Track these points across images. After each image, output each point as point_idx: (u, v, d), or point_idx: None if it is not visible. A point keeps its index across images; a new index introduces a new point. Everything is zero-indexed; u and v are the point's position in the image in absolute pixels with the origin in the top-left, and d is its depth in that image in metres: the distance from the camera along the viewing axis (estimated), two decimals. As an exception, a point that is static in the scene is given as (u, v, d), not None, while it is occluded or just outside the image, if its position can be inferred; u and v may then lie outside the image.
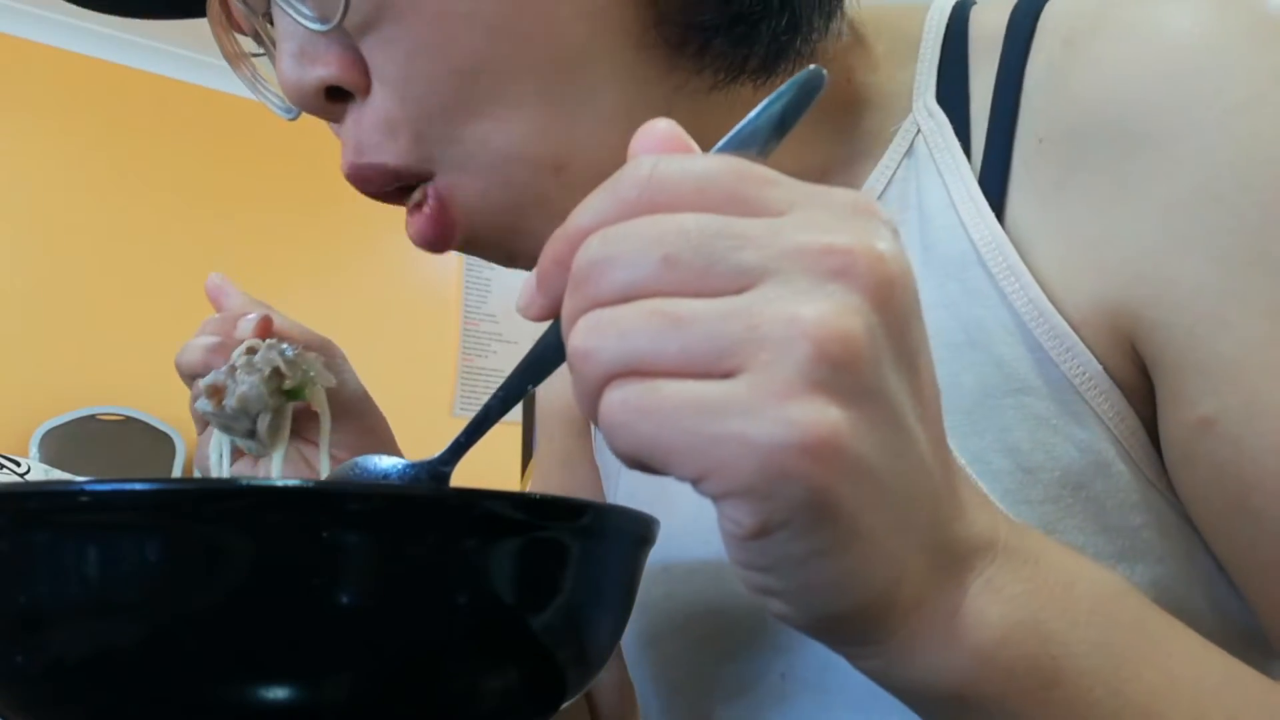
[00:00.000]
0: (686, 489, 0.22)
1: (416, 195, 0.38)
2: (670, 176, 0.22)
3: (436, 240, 0.39)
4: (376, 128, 0.37)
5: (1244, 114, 0.32)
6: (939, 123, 0.38)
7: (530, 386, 0.30)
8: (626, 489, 0.50)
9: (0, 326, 3.04)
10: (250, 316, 0.44)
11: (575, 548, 0.29)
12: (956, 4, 0.41)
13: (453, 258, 3.98)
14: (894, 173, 0.39)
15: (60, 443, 3.00)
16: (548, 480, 0.61)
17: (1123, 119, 0.33)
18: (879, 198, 0.39)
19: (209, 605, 0.24)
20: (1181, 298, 0.32)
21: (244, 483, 0.24)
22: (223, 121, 3.53)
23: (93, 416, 3.10)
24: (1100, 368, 0.34)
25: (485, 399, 0.31)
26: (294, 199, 3.60)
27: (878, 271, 0.21)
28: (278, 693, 0.24)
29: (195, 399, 0.40)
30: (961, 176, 0.37)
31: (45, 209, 3.17)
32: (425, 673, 0.26)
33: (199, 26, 0.43)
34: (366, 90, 0.37)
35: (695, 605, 0.44)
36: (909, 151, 0.39)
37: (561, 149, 0.36)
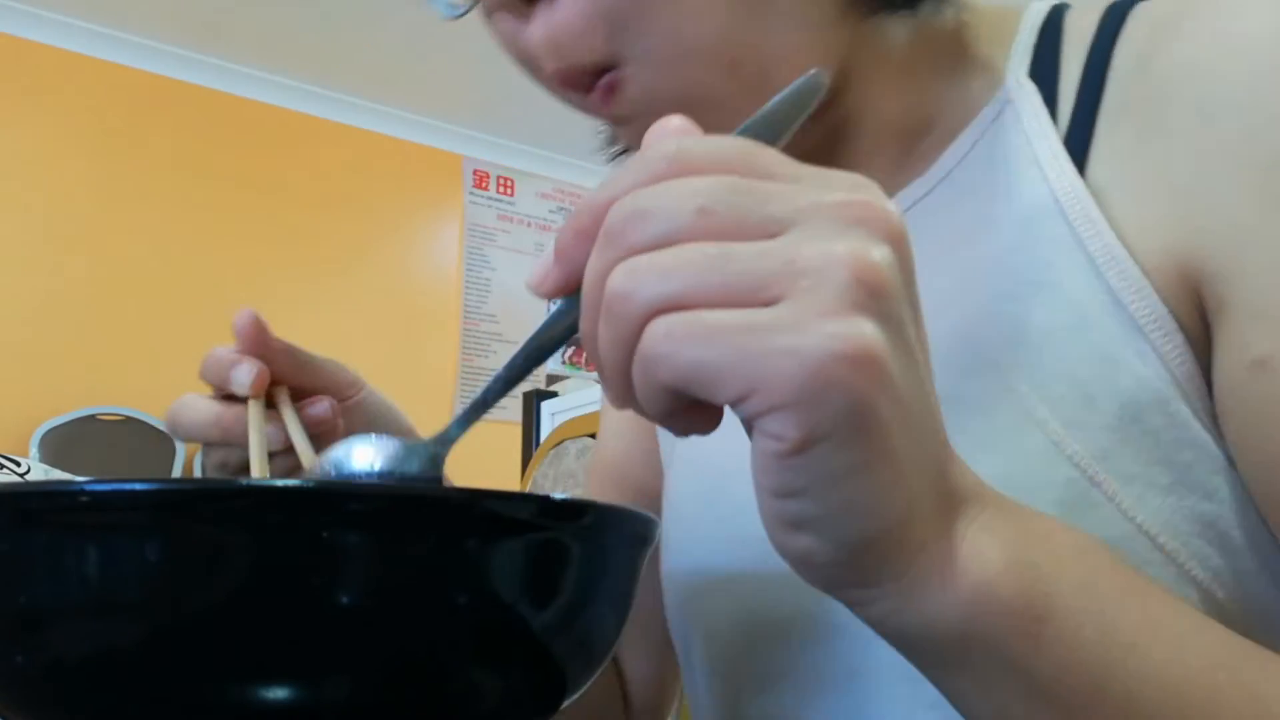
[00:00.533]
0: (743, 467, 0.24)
1: (599, 87, 0.40)
2: (694, 150, 0.24)
3: (610, 119, 0.41)
4: (572, 26, 0.38)
5: None
6: (1029, 92, 0.42)
7: (534, 366, 0.30)
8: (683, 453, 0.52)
9: (1, 326, 3.04)
10: (244, 369, 0.43)
11: (576, 547, 0.29)
12: (1053, 6, 0.45)
13: (453, 258, 3.99)
14: (983, 133, 0.43)
15: (60, 443, 3.00)
16: (618, 424, 0.62)
17: (1202, 88, 0.36)
18: (967, 154, 0.43)
19: (209, 605, 0.24)
20: (1244, 246, 0.35)
21: (244, 483, 0.24)
22: (223, 121, 3.53)
23: (93, 416, 3.10)
24: (1166, 310, 0.36)
25: None
26: (294, 200, 3.60)
27: (891, 221, 0.24)
28: (278, 693, 0.24)
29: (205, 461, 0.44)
30: (1047, 138, 0.40)
31: (45, 209, 3.17)
32: (425, 673, 0.26)
33: (199, 26, 0.43)
34: None
35: (745, 587, 0.45)
36: (998, 117, 0.42)
37: (740, 49, 0.38)
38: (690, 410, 0.25)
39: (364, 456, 0.34)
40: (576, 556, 0.29)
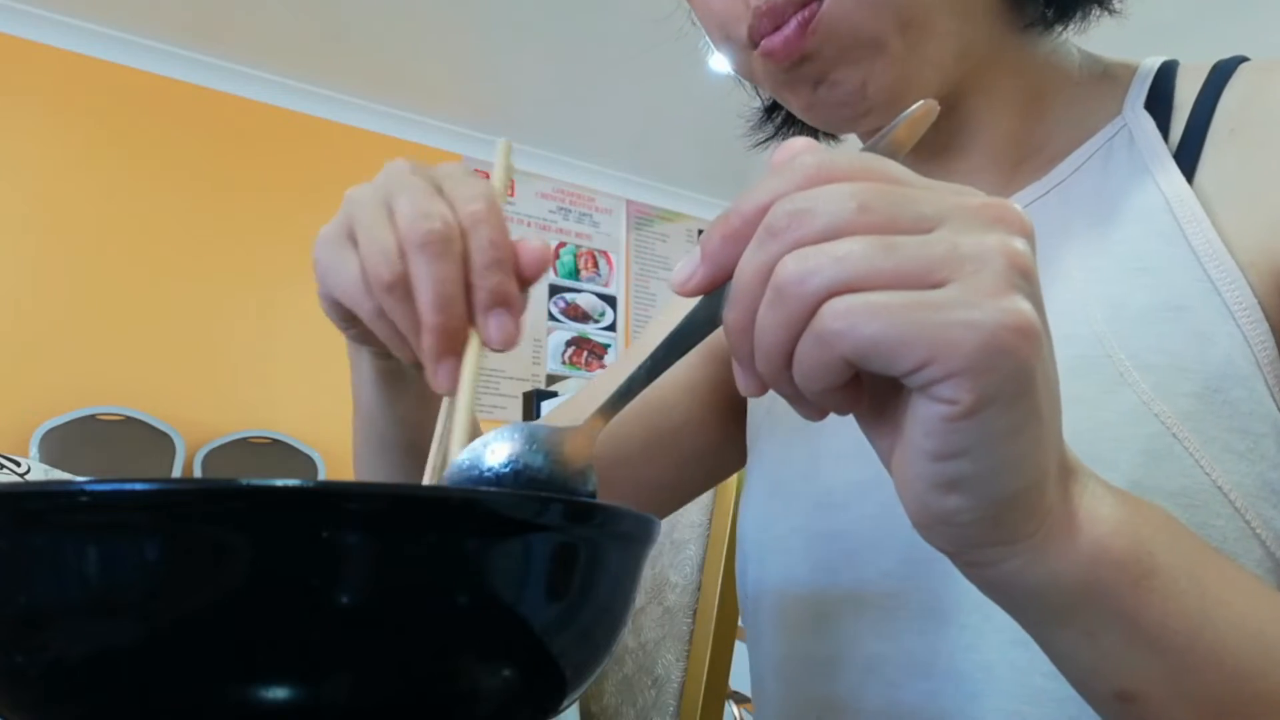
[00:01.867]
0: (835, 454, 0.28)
1: (794, 19, 0.44)
2: (838, 161, 0.27)
3: (789, 49, 0.45)
4: None
5: None
6: (1143, 118, 0.48)
7: (676, 358, 0.32)
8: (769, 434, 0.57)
9: (0, 327, 3.04)
10: (447, 371, 0.35)
11: (576, 547, 0.29)
12: (1166, 60, 0.51)
13: (453, 258, 3.98)
14: (1097, 150, 0.48)
15: (60, 443, 3.00)
16: (689, 383, 0.64)
17: None
18: (1081, 166, 0.49)
19: (209, 605, 0.24)
20: None
21: (244, 483, 0.24)
22: (223, 121, 3.53)
23: (93, 416, 3.10)
24: (1255, 301, 0.41)
25: (485, 399, 0.32)
26: (294, 199, 3.60)
27: (1024, 220, 0.27)
28: (278, 693, 0.24)
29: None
30: (1158, 153, 0.46)
31: (45, 209, 3.17)
32: (425, 673, 0.26)
33: (199, 26, 0.44)
34: None
35: (823, 552, 0.49)
36: (1112, 138, 0.48)
37: (917, 11, 0.44)
38: (842, 389, 0.27)
39: (497, 450, 0.33)
40: (577, 556, 0.29)
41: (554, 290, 4.25)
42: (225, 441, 3.29)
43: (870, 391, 0.28)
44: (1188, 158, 0.45)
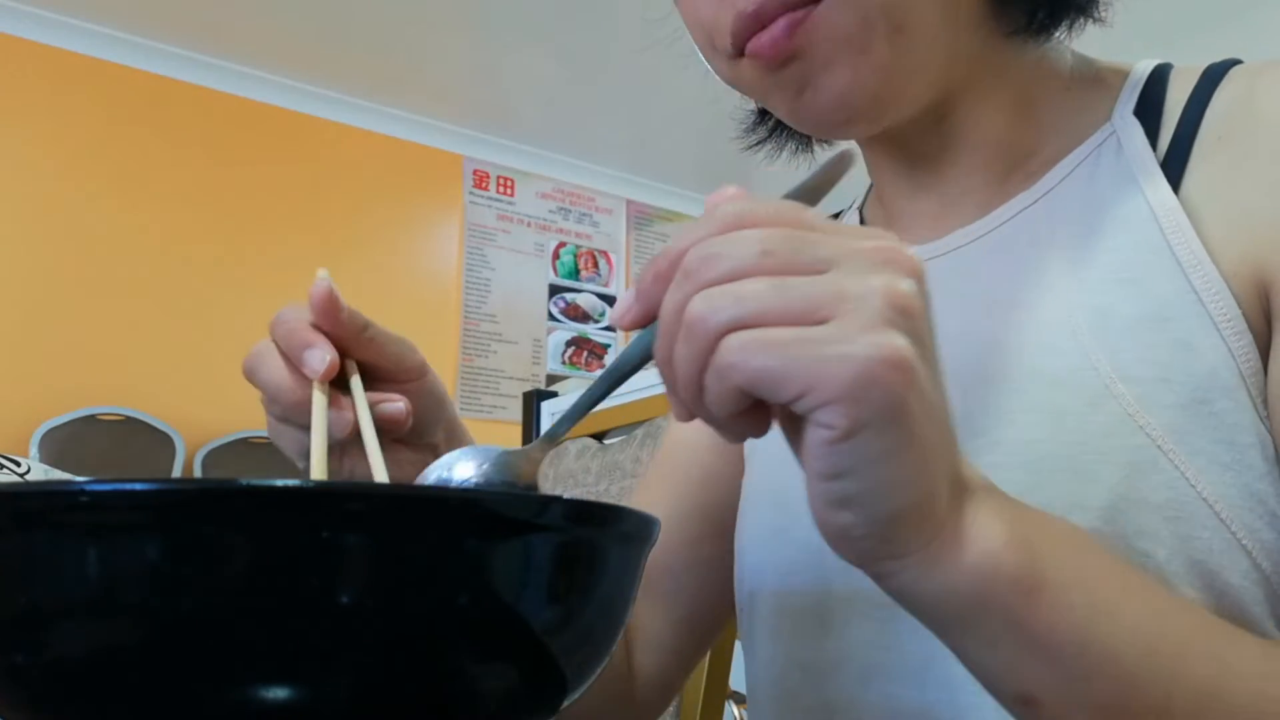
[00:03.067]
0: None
1: (782, 20, 0.44)
2: (754, 208, 0.30)
3: (777, 49, 0.45)
4: None
5: None
6: (1132, 124, 0.47)
7: (614, 387, 0.35)
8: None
9: (0, 326, 3.04)
10: (317, 354, 0.44)
11: (576, 547, 0.29)
12: (1159, 63, 0.50)
13: (453, 258, 3.99)
14: (1086, 156, 0.48)
15: (60, 443, 3.00)
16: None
17: None
18: (1070, 173, 0.48)
19: (209, 605, 0.24)
20: None
21: (244, 483, 0.24)
22: (223, 121, 3.53)
23: (93, 416, 3.10)
24: (1239, 312, 0.41)
25: (485, 399, 0.33)
26: (293, 199, 3.60)
27: (913, 262, 0.29)
28: (278, 693, 0.24)
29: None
30: (1146, 162, 0.46)
31: (45, 209, 3.17)
32: (425, 673, 0.26)
33: (199, 26, 0.44)
34: None
35: (808, 583, 0.50)
36: (1101, 145, 0.48)
37: (908, 17, 0.44)
38: (747, 415, 0.30)
39: (461, 470, 0.38)
40: (577, 556, 0.29)
41: (554, 290, 4.25)
42: (225, 441, 3.29)
43: (782, 419, 0.31)
44: (1175, 165, 0.45)
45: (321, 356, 0.44)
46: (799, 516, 0.51)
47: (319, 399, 0.43)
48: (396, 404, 0.46)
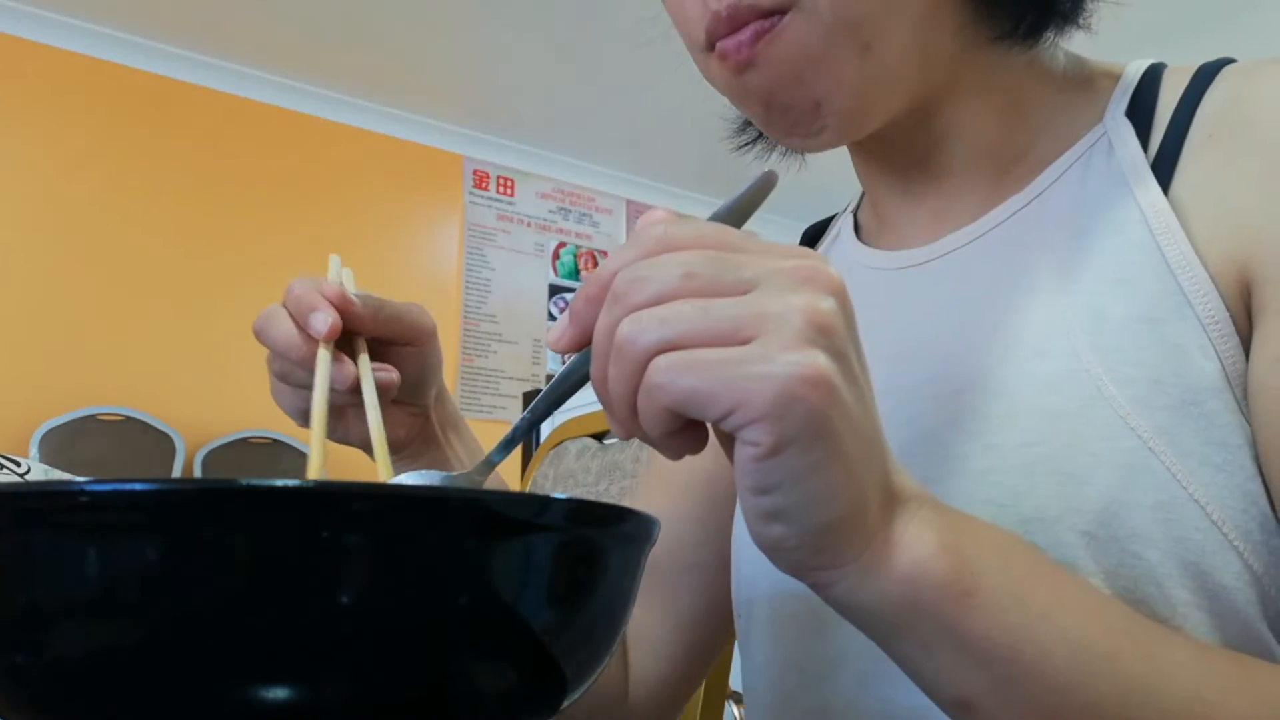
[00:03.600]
0: None
1: (751, 26, 0.44)
2: (678, 231, 0.31)
3: (738, 57, 0.45)
4: None
5: None
6: (1123, 126, 0.47)
7: (555, 408, 0.36)
8: None
9: (0, 326, 3.04)
10: (321, 316, 0.48)
11: (577, 547, 0.29)
12: (1153, 63, 0.50)
13: (453, 258, 3.99)
14: (1078, 158, 0.48)
15: (60, 443, 3.00)
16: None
17: (1277, 122, 0.43)
18: (1062, 175, 0.48)
19: (209, 605, 0.24)
20: None
21: (244, 483, 0.24)
22: (223, 121, 3.53)
23: (93, 416, 3.10)
24: (1227, 313, 0.41)
25: (484, 399, 0.34)
26: (293, 199, 3.60)
27: (833, 280, 0.30)
28: (278, 693, 0.24)
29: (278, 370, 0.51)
30: (1136, 164, 0.46)
31: (45, 209, 3.17)
32: (425, 673, 0.26)
33: (199, 26, 0.45)
34: None
35: (803, 587, 0.48)
36: (1093, 146, 0.48)
37: (878, 33, 0.44)
38: (682, 433, 0.31)
39: None
40: (577, 556, 0.29)
41: (554, 290, 4.25)
42: (225, 441, 3.29)
43: (718, 435, 0.31)
44: (1165, 166, 0.45)
45: (324, 319, 0.48)
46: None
47: (323, 355, 0.48)
48: (390, 374, 0.50)
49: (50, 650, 0.25)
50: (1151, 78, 0.49)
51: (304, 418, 0.52)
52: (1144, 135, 0.47)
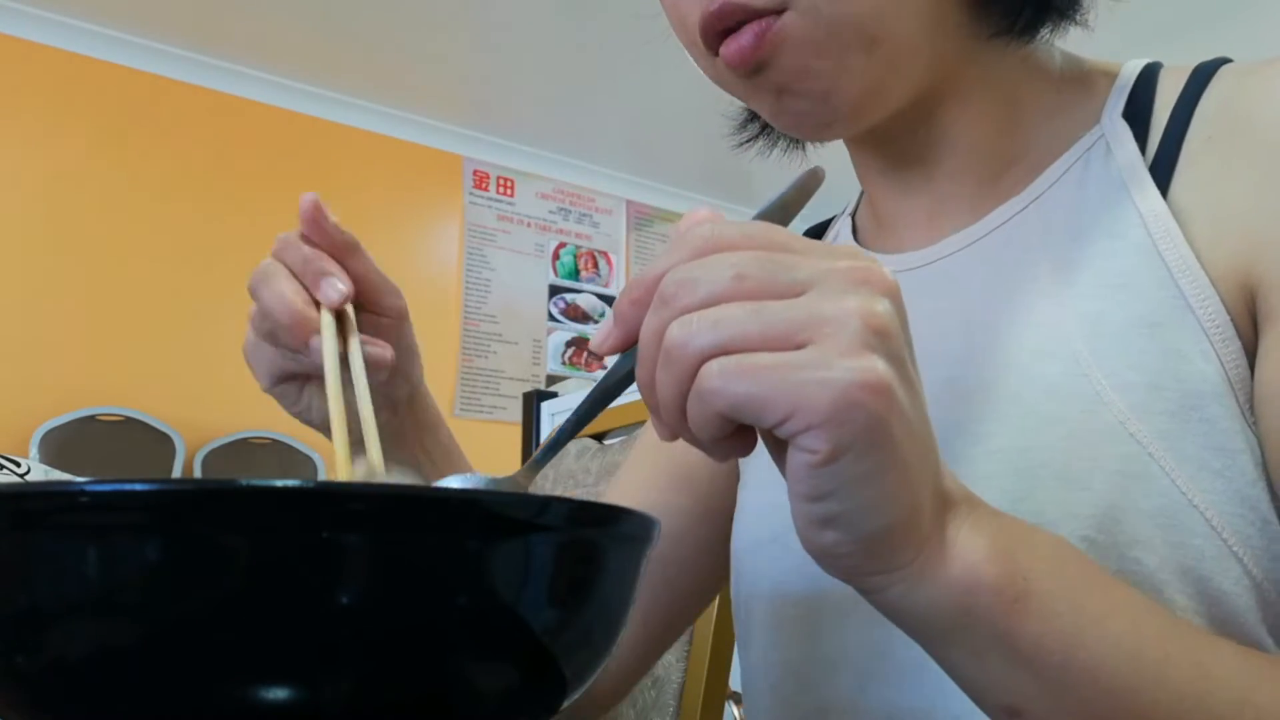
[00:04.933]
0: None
1: (750, 28, 0.43)
2: (727, 231, 0.30)
3: (744, 56, 0.44)
4: None
5: None
6: (1121, 129, 0.47)
7: (599, 410, 0.36)
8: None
9: (1, 326, 3.04)
10: (338, 285, 0.47)
11: (577, 548, 0.29)
12: (1149, 63, 0.50)
13: (453, 258, 3.99)
14: (1075, 161, 0.48)
15: (60, 443, 3.00)
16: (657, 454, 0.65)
17: (1276, 122, 0.42)
18: (1060, 178, 0.48)
19: (209, 605, 0.24)
20: None
21: (244, 483, 0.24)
22: (223, 121, 3.53)
23: (93, 416, 3.10)
24: (1228, 318, 0.41)
25: (484, 400, 0.34)
26: (293, 199, 3.59)
27: (887, 281, 0.30)
28: (278, 693, 0.24)
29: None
30: (1135, 166, 0.45)
31: (45, 209, 3.17)
32: (425, 673, 0.26)
33: (199, 26, 0.45)
34: None
35: (803, 589, 0.49)
36: (1090, 149, 0.47)
37: (883, 30, 0.43)
38: (731, 437, 0.30)
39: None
40: (577, 557, 0.29)
41: (554, 291, 4.25)
42: (225, 441, 3.29)
43: (766, 439, 0.31)
44: (1164, 169, 0.44)
45: (338, 286, 0.46)
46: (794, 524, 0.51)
47: (328, 320, 0.45)
48: (383, 350, 0.48)
49: (50, 650, 0.25)
50: (1148, 78, 0.48)
51: (274, 380, 0.50)
52: (1141, 138, 0.46)
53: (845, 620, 0.48)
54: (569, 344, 4.23)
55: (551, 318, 4.22)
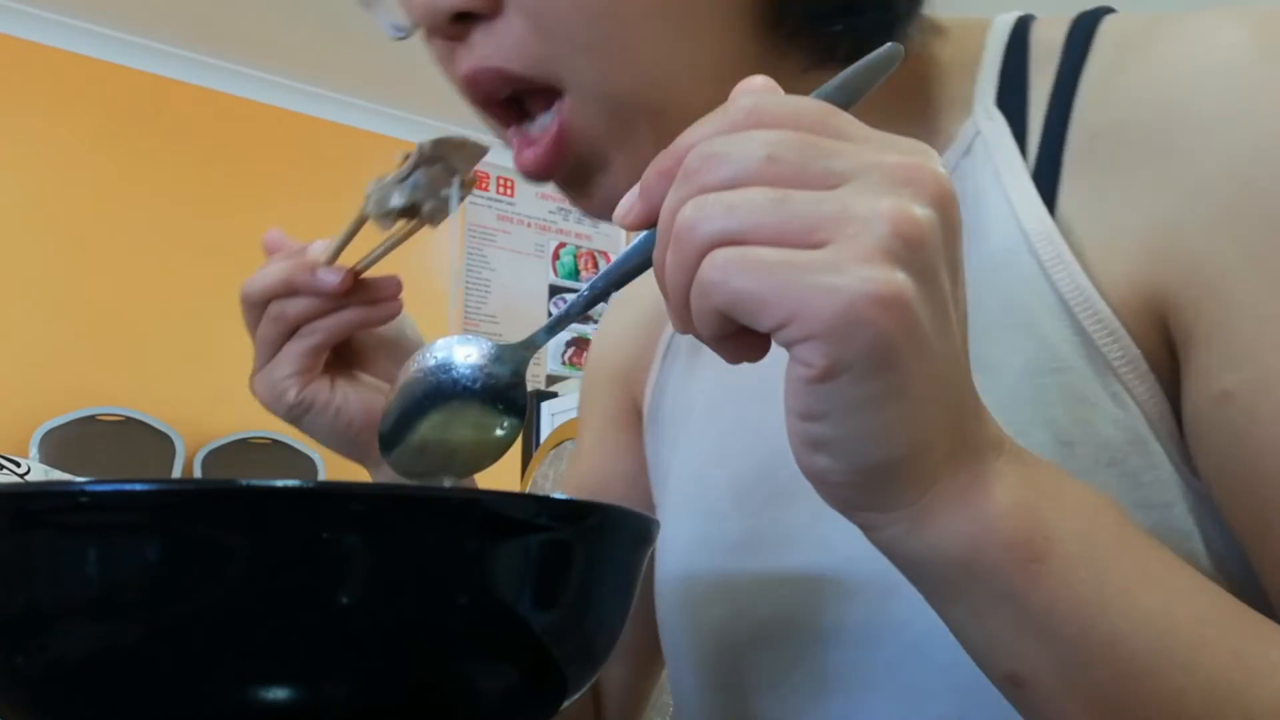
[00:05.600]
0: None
1: (541, 122, 0.41)
2: (772, 105, 0.26)
3: (547, 169, 0.41)
4: (506, 41, 0.39)
5: (1270, 113, 0.35)
6: (997, 124, 0.41)
7: (615, 289, 0.32)
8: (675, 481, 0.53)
9: (1, 326, 3.04)
10: (319, 246, 0.49)
11: (576, 548, 0.29)
12: (1018, 18, 0.43)
13: (453, 258, 3.99)
14: (953, 168, 0.41)
15: (60, 443, 3.00)
16: (599, 435, 0.62)
17: (1166, 114, 0.36)
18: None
19: (209, 605, 0.24)
20: (1208, 277, 0.34)
21: (244, 483, 0.24)
22: (223, 121, 3.53)
23: (93, 416, 3.10)
24: (1138, 351, 0.36)
25: None
26: (293, 200, 3.60)
27: (939, 184, 0.25)
28: (278, 693, 0.24)
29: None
30: (1016, 174, 0.39)
31: (45, 209, 3.17)
32: (425, 673, 0.26)
33: (199, 26, 0.45)
34: (495, 13, 0.39)
35: (736, 593, 0.45)
36: (967, 151, 0.41)
37: (665, 96, 0.39)
38: (738, 336, 0.27)
39: (464, 352, 0.37)
40: (578, 557, 0.29)
41: (554, 290, 4.25)
42: (225, 442, 3.29)
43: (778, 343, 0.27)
44: (1047, 176, 0.39)
45: (334, 274, 0.49)
46: (714, 555, 0.47)
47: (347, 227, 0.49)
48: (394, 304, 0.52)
49: (50, 650, 0.25)
50: (1020, 43, 0.42)
51: (300, 387, 0.49)
52: (1020, 131, 0.40)
53: (775, 643, 0.44)
54: (569, 344, 4.23)
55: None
